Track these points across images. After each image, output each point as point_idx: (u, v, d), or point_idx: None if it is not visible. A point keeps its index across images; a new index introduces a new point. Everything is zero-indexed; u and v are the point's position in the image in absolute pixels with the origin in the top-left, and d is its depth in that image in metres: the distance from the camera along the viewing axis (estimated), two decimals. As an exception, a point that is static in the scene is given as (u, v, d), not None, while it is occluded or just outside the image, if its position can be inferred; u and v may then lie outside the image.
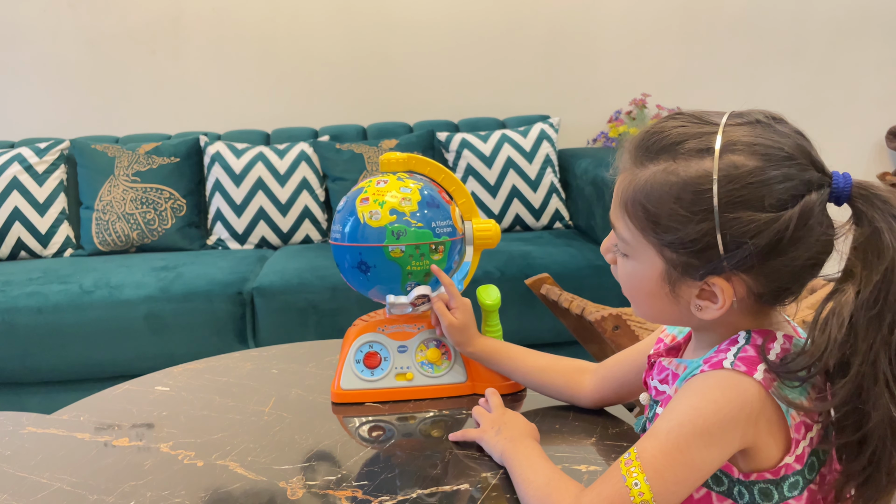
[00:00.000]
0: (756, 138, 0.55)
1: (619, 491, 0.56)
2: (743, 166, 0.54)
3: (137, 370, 1.27)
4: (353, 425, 0.84)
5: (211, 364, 1.04)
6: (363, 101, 2.73)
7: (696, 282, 0.58)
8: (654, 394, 0.69)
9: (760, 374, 0.56)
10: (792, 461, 0.57)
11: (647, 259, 0.61)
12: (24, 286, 1.95)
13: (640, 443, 0.57)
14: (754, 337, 0.59)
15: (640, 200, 0.59)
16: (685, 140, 0.57)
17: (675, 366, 0.66)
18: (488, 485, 0.69)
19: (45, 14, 2.59)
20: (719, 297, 0.58)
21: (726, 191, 0.54)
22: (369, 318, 0.95)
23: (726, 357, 0.57)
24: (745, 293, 0.58)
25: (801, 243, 0.55)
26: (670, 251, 0.58)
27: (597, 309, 1.38)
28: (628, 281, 0.64)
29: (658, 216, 0.57)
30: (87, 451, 0.79)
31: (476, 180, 2.41)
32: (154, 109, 2.68)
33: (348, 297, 1.92)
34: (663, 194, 0.57)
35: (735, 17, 2.83)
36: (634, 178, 0.59)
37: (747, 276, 0.57)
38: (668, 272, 0.60)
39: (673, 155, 0.57)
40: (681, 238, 0.57)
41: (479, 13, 2.73)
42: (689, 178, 0.56)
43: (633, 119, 2.71)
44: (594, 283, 2.01)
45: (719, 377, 0.56)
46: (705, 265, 0.57)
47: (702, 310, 0.60)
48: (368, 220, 0.84)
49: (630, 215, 0.60)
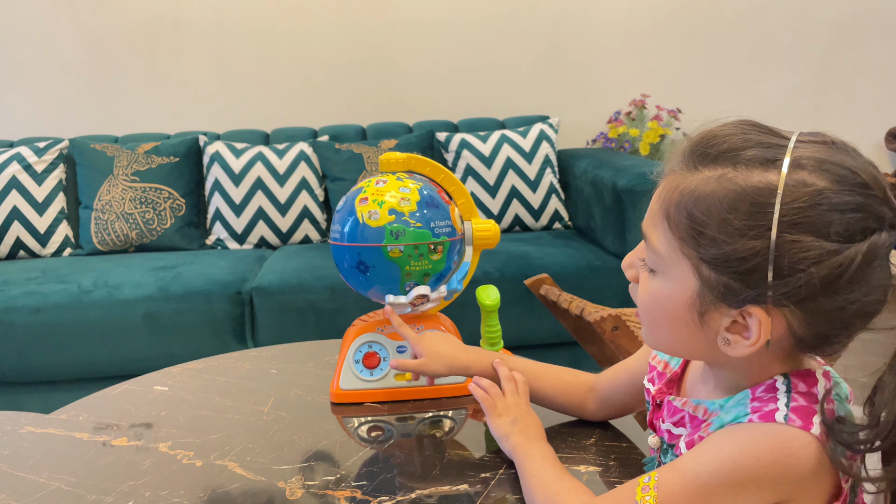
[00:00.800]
0: (830, 157, 0.49)
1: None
2: (812, 185, 0.48)
3: (136, 370, 1.27)
4: (352, 425, 0.84)
5: (210, 364, 1.04)
6: (362, 101, 2.73)
7: (732, 310, 0.51)
8: (666, 437, 0.63)
9: (817, 427, 0.50)
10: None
11: (678, 277, 0.53)
12: (22, 285, 1.95)
13: (663, 472, 0.53)
14: (795, 382, 0.53)
15: (686, 206, 0.51)
16: (749, 148, 0.50)
17: (691, 407, 0.60)
18: (487, 485, 0.69)
19: (45, 13, 2.58)
20: (753, 332, 0.51)
21: (790, 208, 0.48)
22: (368, 318, 0.95)
23: (777, 408, 0.51)
24: (784, 333, 0.51)
25: (861, 286, 0.48)
26: (709, 269, 0.51)
27: (596, 309, 1.38)
28: (650, 301, 0.56)
29: (705, 225, 0.50)
30: (85, 451, 0.79)
31: (475, 180, 2.41)
32: (153, 109, 2.67)
33: (347, 297, 1.92)
34: (716, 202, 0.50)
35: (734, 18, 2.83)
36: (683, 181, 0.52)
37: (791, 313, 0.50)
38: (701, 294, 0.52)
39: (733, 162, 0.50)
40: (727, 254, 0.50)
41: (478, 13, 2.73)
42: (749, 188, 0.49)
43: (633, 120, 2.71)
44: (593, 283, 2.01)
45: (771, 433, 0.50)
46: (747, 291, 0.50)
47: (730, 344, 0.52)
48: (367, 220, 0.84)
49: (671, 222, 0.53)
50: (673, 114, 2.67)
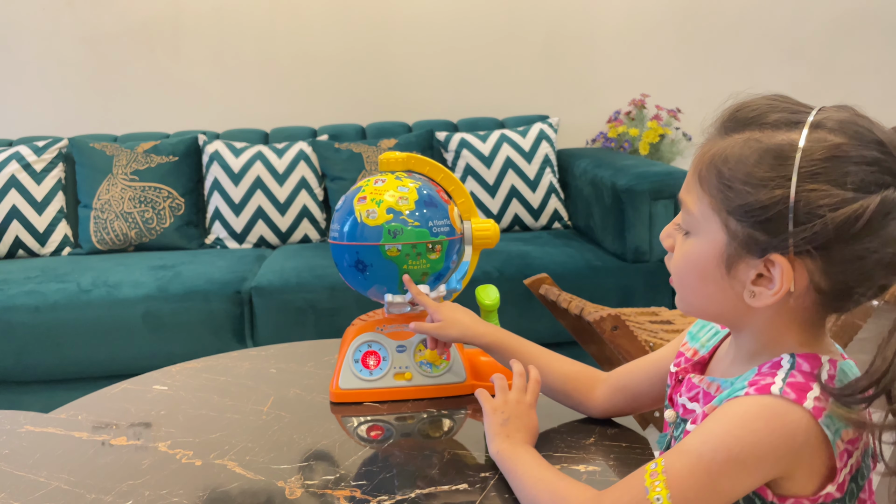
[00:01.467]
0: (849, 119, 0.54)
1: (638, 501, 0.55)
2: (829, 141, 0.53)
3: (135, 369, 1.27)
4: (351, 425, 0.84)
5: (209, 363, 1.04)
6: (362, 101, 2.73)
7: (757, 260, 0.55)
8: (681, 411, 0.66)
9: (811, 401, 0.53)
10: (833, 490, 0.55)
11: (709, 233, 0.58)
12: (21, 285, 1.95)
13: (669, 457, 0.55)
14: (799, 361, 0.56)
15: (716, 164, 0.56)
16: (774, 112, 0.56)
17: (706, 384, 0.63)
18: (487, 485, 0.69)
19: (44, 12, 2.58)
20: (776, 281, 0.54)
21: (809, 160, 0.52)
22: (368, 317, 0.95)
23: (774, 381, 0.54)
24: (806, 285, 0.55)
25: (877, 236, 0.52)
26: (735, 221, 0.55)
27: (595, 309, 1.38)
28: (683, 262, 0.61)
29: (732, 180, 0.55)
30: (85, 450, 0.79)
31: (475, 180, 2.41)
32: (153, 108, 2.67)
33: (346, 296, 1.92)
34: (742, 158, 0.55)
35: (734, 17, 2.83)
36: (714, 146, 0.57)
37: (812, 261, 0.53)
38: (729, 247, 0.56)
39: (759, 125, 0.56)
40: (751, 204, 0.54)
41: (478, 13, 2.73)
42: (773, 145, 0.54)
43: (632, 119, 2.71)
44: (593, 283, 2.01)
45: (765, 404, 0.53)
46: (770, 239, 0.54)
47: (755, 296, 0.56)
48: (366, 218, 0.84)
49: (703, 182, 0.58)
50: (673, 113, 2.67)
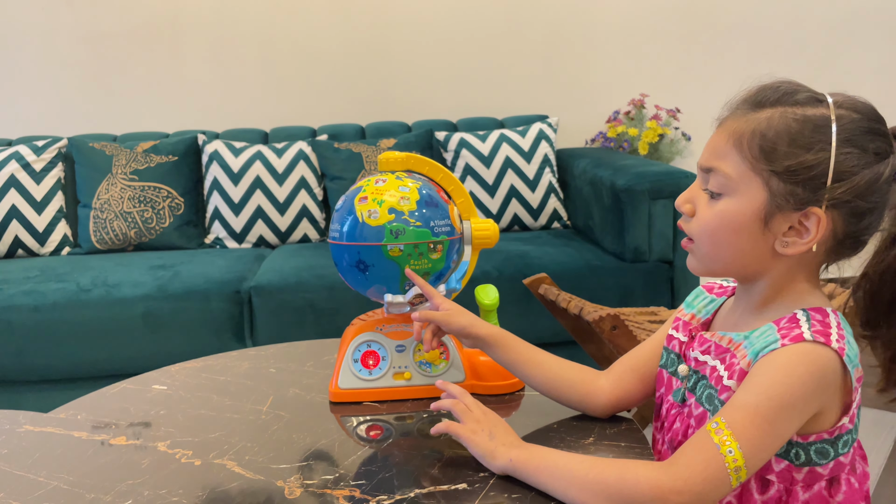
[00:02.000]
0: (856, 100, 0.66)
1: (713, 457, 0.60)
2: (853, 115, 0.64)
3: (135, 369, 1.27)
4: (350, 424, 0.84)
5: (208, 363, 1.04)
6: (361, 101, 2.73)
7: (795, 213, 0.64)
8: (693, 364, 0.72)
9: (835, 343, 0.62)
10: (847, 421, 0.65)
11: (749, 192, 0.65)
12: (21, 284, 1.95)
13: (727, 414, 0.61)
14: (812, 313, 0.65)
15: (759, 132, 0.65)
16: (799, 91, 0.66)
17: (717, 338, 0.71)
18: (486, 484, 0.69)
19: (44, 12, 2.58)
20: (812, 230, 0.64)
21: (842, 128, 0.63)
22: (367, 317, 0.95)
23: (803, 330, 0.63)
24: (830, 233, 0.65)
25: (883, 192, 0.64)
26: (779, 180, 0.64)
27: (595, 309, 1.38)
28: (717, 220, 0.67)
29: (777, 144, 0.64)
30: (84, 450, 0.79)
31: (474, 180, 2.41)
32: (152, 108, 2.67)
33: (346, 296, 1.92)
34: (785, 127, 0.64)
35: (733, 18, 2.83)
36: (751, 118, 0.66)
37: (838, 213, 0.64)
38: (770, 203, 0.65)
39: (790, 103, 0.65)
40: (799, 164, 0.63)
41: (478, 13, 2.73)
42: (810, 116, 0.64)
43: (632, 119, 2.71)
44: (592, 283, 2.01)
45: (802, 351, 0.62)
46: (809, 194, 0.63)
47: (787, 245, 0.65)
48: (367, 219, 0.84)
49: (743, 149, 0.65)
50: (672, 113, 2.67)
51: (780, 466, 0.65)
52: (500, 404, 0.88)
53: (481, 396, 0.89)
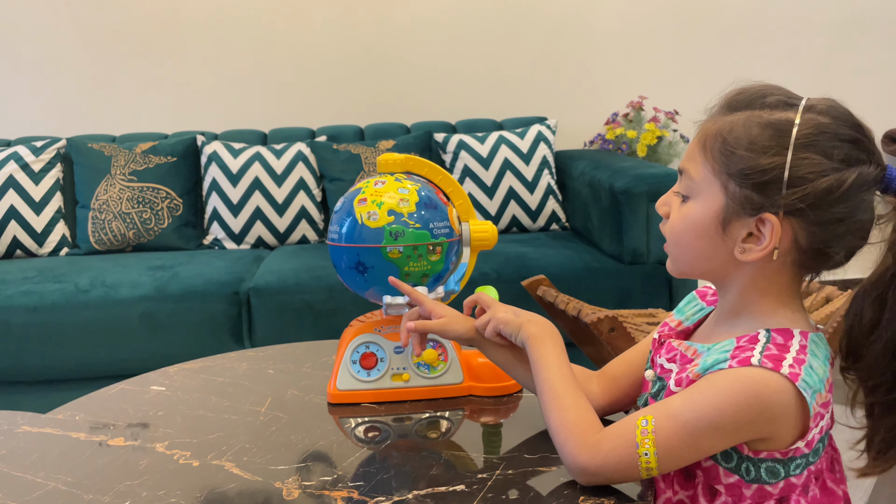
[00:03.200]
0: (834, 105, 0.64)
1: (630, 454, 0.63)
2: (821, 120, 0.62)
3: (133, 370, 1.27)
4: (349, 426, 0.84)
5: (207, 364, 1.04)
6: (360, 102, 2.73)
7: (750, 219, 0.63)
8: (659, 371, 0.72)
9: (786, 368, 0.60)
10: (802, 446, 0.63)
11: (709, 195, 0.65)
12: (19, 285, 1.94)
13: (658, 417, 0.62)
14: (774, 335, 0.64)
15: (721, 135, 0.64)
16: (771, 94, 0.64)
17: (684, 347, 0.70)
18: (484, 486, 0.69)
19: (43, 12, 2.58)
20: (766, 237, 0.62)
21: (803, 133, 0.61)
22: (366, 318, 0.95)
23: (752, 354, 0.61)
24: (790, 244, 0.63)
25: (850, 204, 0.61)
26: (735, 184, 0.63)
27: (593, 311, 1.38)
28: (682, 223, 0.68)
29: (736, 147, 0.63)
30: (82, 451, 0.79)
31: (473, 181, 2.42)
32: (151, 108, 2.67)
33: (344, 297, 1.92)
34: (746, 130, 0.63)
35: (732, 19, 2.84)
36: (718, 122, 0.65)
37: (798, 222, 0.62)
38: (726, 207, 0.64)
39: (759, 106, 0.64)
40: (751, 168, 0.62)
41: (477, 15, 2.74)
42: (773, 119, 0.62)
43: (630, 121, 2.71)
44: (590, 285, 2.01)
45: (744, 375, 0.60)
46: (764, 200, 0.62)
47: (745, 252, 0.64)
48: (366, 220, 0.84)
49: (707, 151, 0.65)
50: (670, 115, 2.67)
51: (729, 480, 0.65)
52: (497, 406, 0.88)
53: (479, 398, 0.90)
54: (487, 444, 0.80)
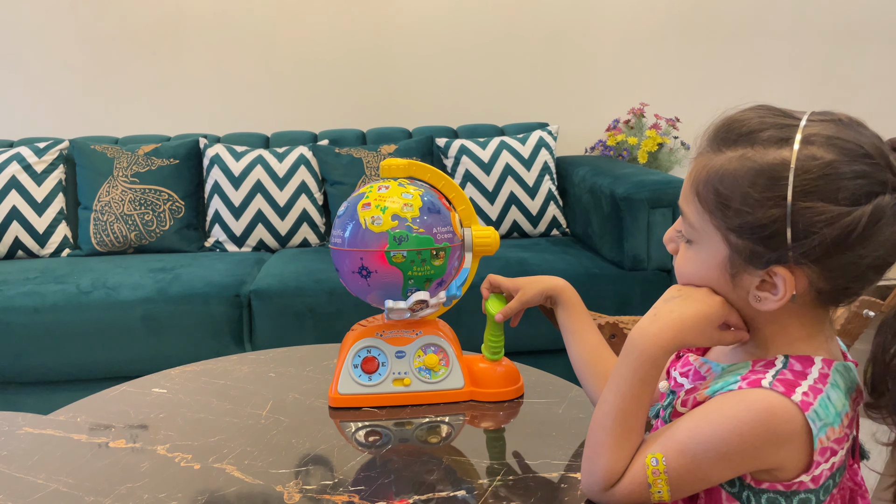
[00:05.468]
0: (836, 133, 0.56)
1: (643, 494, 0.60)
2: (820, 158, 0.55)
3: (134, 372, 1.27)
4: (349, 430, 0.84)
5: (208, 367, 1.04)
6: (363, 106, 2.74)
7: (759, 270, 0.58)
8: (672, 384, 0.70)
9: (799, 395, 0.56)
10: (808, 480, 0.58)
11: (711, 245, 0.61)
12: (20, 286, 1.95)
13: (669, 454, 0.59)
14: (792, 362, 0.60)
15: (713, 183, 0.59)
16: (764, 129, 0.58)
17: (699, 363, 0.68)
18: (484, 492, 0.69)
19: (47, 14, 2.59)
20: (780, 288, 0.58)
21: (801, 180, 0.55)
22: (367, 322, 0.95)
23: (765, 377, 0.58)
24: (807, 287, 0.58)
25: (870, 242, 0.55)
26: (736, 237, 0.59)
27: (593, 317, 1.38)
28: (688, 267, 0.64)
29: (730, 199, 0.58)
30: (83, 453, 0.79)
31: (474, 186, 2.42)
32: (154, 111, 2.68)
33: (346, 301, 1.92)
34: (738, 178, 0.57)
35: (733, 27, 2.84)
36: (709, 162, 0.60)
37: (811, 269, 0.57)
38: (732, 259, 0.60)
39: (751, 142, 0.58)
40: (750, 223, 0.57)
41: (478, 20, 2.75)
42: (766, 165, 0.56)
43: (631, 128, 2.72)
44: (591, 290, 2.01)
45: (752, 398, 0.57)
46: (771, 253, 0.57)
47: (761, 301, 0.59)
48: (370, 225, 0.85)
49: (701, 198, 0.60)
50: (671, 122, 2.68)
51: None
52: (498, 411, 0.88)
53: (480, 403, 0.90)
54: (488, 449, 0.80)
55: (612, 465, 0.61)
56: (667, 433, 0.61)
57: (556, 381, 0.96)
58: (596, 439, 0.63)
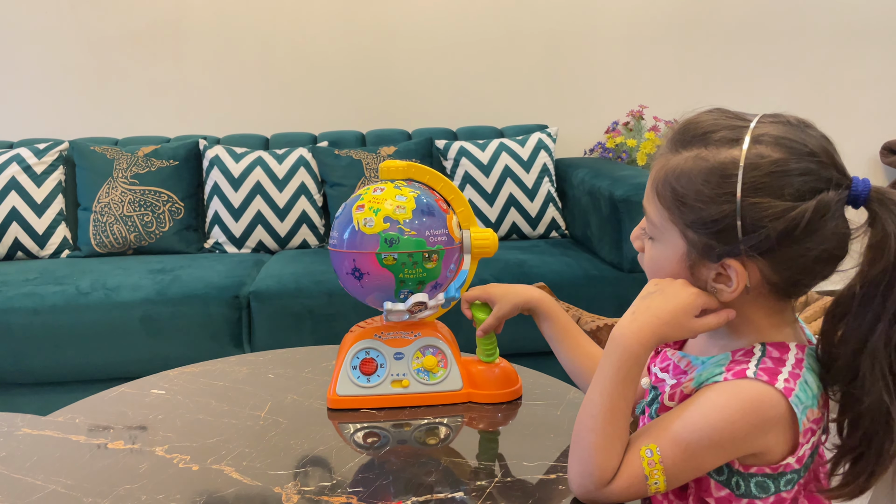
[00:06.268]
0: (783, 134, 0.60)
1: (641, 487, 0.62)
2: (767, 156, 0.59)
3: (133, 373, 1.27)
4: (348, 431, 0.85)
5: (207, 368, 1.04)
6: (362, 108, 2.75)
7: (713, 264, 0.62)
8: (653, 380, 0.73)
9: (781, 382, 0.60)
10: (793, 461, 0.62)
11: (671, 241, 0.65)
12: (20, 287, 1.95)
13: (663, 445, 0.62)
14: (769, 349, 0.63)
15: (670, 182, 0.63)
16: (717, 130, 0.62)
17: (677, 358, 0.71)
18: (482, 494, 0.69)
19: (47, 15, 2.59)
20: (733, 280, 0.62)
21: (750, 177, 0.59)
22: (366, 324, 0.95)
23: (748, 367, 0.61)
24: (759, 280, 0.62)
25: (816, 235, 0.59)
26: (692, 232, 0.63)
27: (592, 319, 1.38)
28: (652, 264, 0.68)
29: (685, 196, 0.62)
30: (82, 454, 0.79)
31: (473, 188, 2.42)
32: (154, 112, 2.68)
33: (344, 302, 1.92)
34: (692, 177, 0.61)
35: (732, 29, 2.85)
36: (667, 162, 0.64)
37: (761, 262, 0.61)
38: (689, 253, 0.64)
39: (705, 143, 0.62)
40: (703, 218, 0.61)
41: (478, 22, 2.75)
42: (718, 163, 0.60)
43: (630, 130, 2.72)
44: (589, 292, 2.01)
45: (740, 388, 0.60)
46: (723, 247, 0.61)
47: (717, 292, 0.64)
48: (363, 227, 0.85)
49: (660, 197, 0.64)
50: (670, 125, 2.67)
51: (720, 493, 0.65)
52: (496, 413, 0.89)
53: (478, 405, 0.90)
54: (486, 451, 0.80)
55: (606, 463, 0.63)
56: (658, 426, 0.63)
57: (555, 382, 0.96)
58: (586, 441, 0.64)
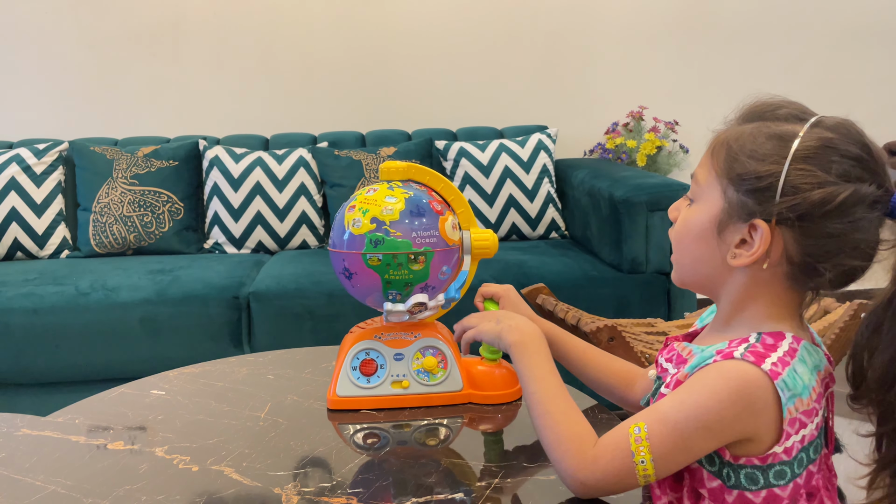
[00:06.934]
0: (843, 124, 0.64)
1: (627, 464, 0.63)
2: (826, 135, 0.62)
3: (132, 373, 1.27)
4: (348, 432, 0.85)
5: (207, 368, 1.04)
6: (362, 108, 2.75)
7: (743, 225, 0.64)
8: (659, 370, 0.74)
9: (768, 365, 0.61)
10: (780, 451, 0.62)
11: (710, 199, 0.67)
12: (19, 287, 1.95)
13: (650, 423, 0.63)
14: (765, 337, 0.64)
15: (728, 142, 0.66)
16: (784, 108, 0.66)
17: (681, 348, 0.73)
18: (482, 494, 0.69)
19: (47, 15, 2.59)
20: (756, 243, 0.64)
21: (804, 146, 0.62)
22: (366, 325, 0.95)
23: (737, 349, 0.63)
24: (780, 255, 0.64)
25: (846, 219, 0.61)
26: (733, 189, 0.65)
27: (592, 320, 1.38)
28: (684, 226, 0.70)
29: (739, 153, 0.65)
30: (81, 454, 0.79)
31: (473, 189, 2.42)
32: (153, 112, 2.68)
33: (344, 303, 1.92)
34: (752, 138, 0.65)
35: (732, 30, 2.85)
36: (731, 130, 0.68)
37: (789, 232, 0.62)
38: (723, 212, 0.66)
39: (771, 118, 0.66)
40: (749, 172, 0.63)
41: (478, 23, 2.75)
42: (779, 131, 0.64)
43: (630, 131, 2.72)
44: (589, 293, 2.01)
45: (727, 368, 0.62)
46: (758, 206, 0.63)
47: (736, 257, 0.65)
48: (352, 227, 0.86)
49: (714, 157, 0.67)
50: (670, 126, 2.68)
51: (712, 484, 0.65)
52: (496, 414, 0.89)
53: (478, 406, 0.90)
54: (486, 451, 0.80)
55: (572, 430, 0.67)
56: (650, 409, 0.65)
57: (555, 383, 0.96)
58: (552, 438, 0.68)
